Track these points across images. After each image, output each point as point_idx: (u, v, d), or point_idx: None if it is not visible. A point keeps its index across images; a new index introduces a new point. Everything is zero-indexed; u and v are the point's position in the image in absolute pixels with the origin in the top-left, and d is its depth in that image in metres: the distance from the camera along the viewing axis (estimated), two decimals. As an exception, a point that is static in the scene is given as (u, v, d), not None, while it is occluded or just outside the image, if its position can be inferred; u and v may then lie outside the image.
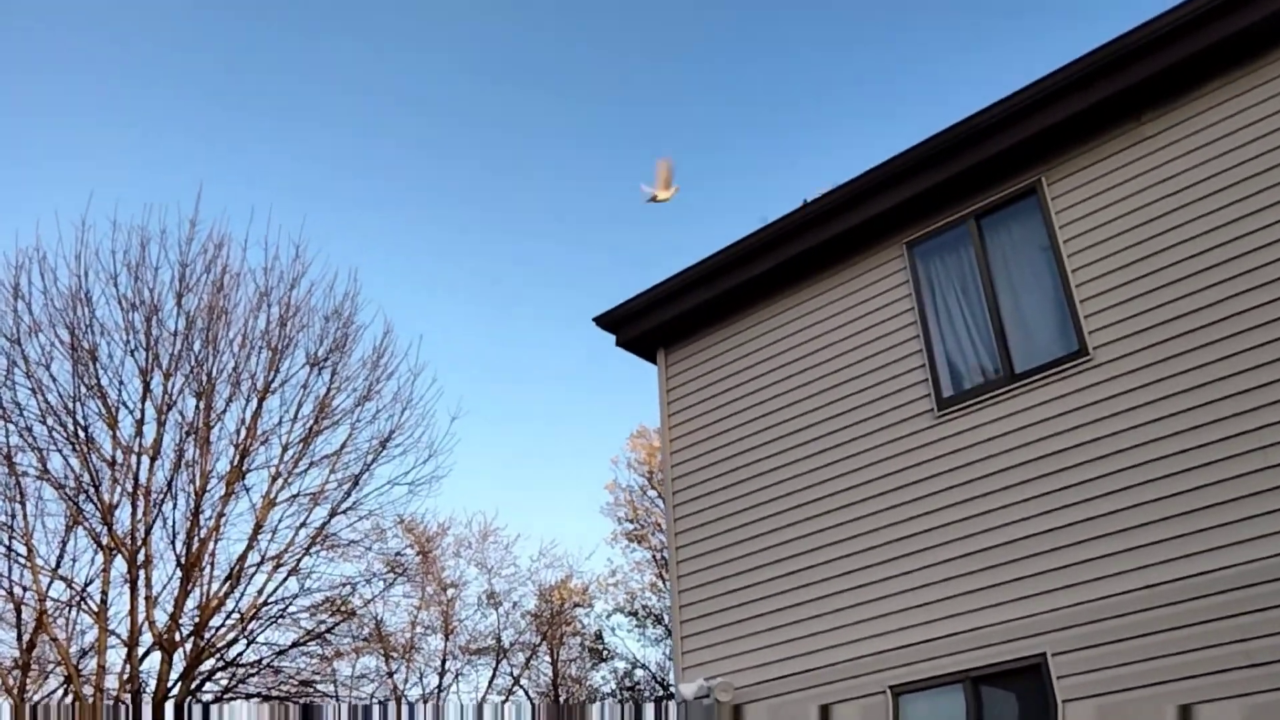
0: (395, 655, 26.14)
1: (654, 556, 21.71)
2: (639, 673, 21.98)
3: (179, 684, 13.33)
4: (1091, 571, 6.13)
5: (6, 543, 13.52)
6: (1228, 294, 6.17)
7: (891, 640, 6.81)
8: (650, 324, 8.95)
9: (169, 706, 13.20)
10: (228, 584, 14.11)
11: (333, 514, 14.68)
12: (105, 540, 13.75)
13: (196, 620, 13.76)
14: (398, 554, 18.82)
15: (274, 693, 15.58)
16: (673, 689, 7.77)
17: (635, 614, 21.56)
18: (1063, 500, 6.38)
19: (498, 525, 29.88)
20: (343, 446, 15.09)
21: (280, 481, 14.67)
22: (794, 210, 8.10)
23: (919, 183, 7.58)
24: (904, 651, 6.73)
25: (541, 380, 36.13)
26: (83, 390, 13.78)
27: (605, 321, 9.14)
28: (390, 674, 26.00)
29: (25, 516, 13.68)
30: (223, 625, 13.91)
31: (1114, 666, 5.88)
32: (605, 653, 22.32)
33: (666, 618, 21.52)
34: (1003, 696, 6.35)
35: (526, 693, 27.61)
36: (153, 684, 13.43)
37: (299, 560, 14.73)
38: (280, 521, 14.50)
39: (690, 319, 8.81)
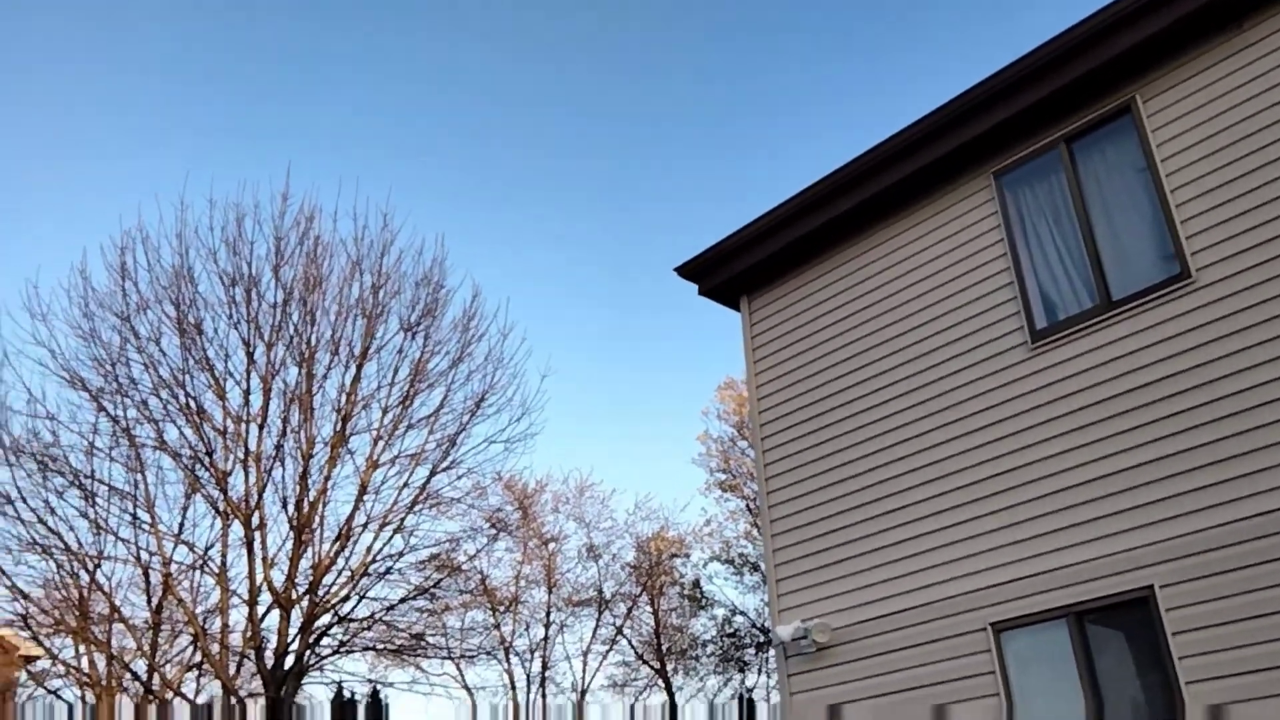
0: (501, 608, 26.83)
1: (747, 505, 21.74)
2: (738, 619, 22.20)
3: (298, 638, 13.90)
4: (1199, 501, 5.94)
5: (132, 511, 14.20)
6: (1341, 206, 5.85)
7: (991, 577, 6.72)
8: (733, 271, 8.88)
9: (289, 660, 13.80)
10: (337, 544, 14.61)
11: (433, 473, 15.03)
12: (222, 506, 14.35)
13: (310, 579, 14.30)
14: (498, 510, 19.23)
15: (387, 646, 16.17)
16: (771, 634, 7.82)
17: (732, 562, 21.70)
18: (1167, 429, 6.18)
19: (594, 480, 30.34)
20: (439, 408, 15.41)
21: (381, 444, 15.08)
22: (875, 146, 7.91)
23: (1005, 109, 7.32)
24: (1005, 588, 6.63)
25: (630, 336, 36.26)
26: (191, 363, 14.32)
27: (687, 271, 9.10)
28: (497, 626, 26.70)
29: (146, 486, 14.33)
30: (335, 583, 14.42)
31: (1225, 597, 5.71)
32: (704, 600, 22.55)
33: (762, 565, 21.58)
34: (1109, 631, 6.22)
35: (630, 641, 28.10)
36: (273, 640, 14.05)
37: (403, 519, 15.16)
38: (384, 483, 14.91)
39: (773, 263, 8.71)
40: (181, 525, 14.91)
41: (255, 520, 14.26)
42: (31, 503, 13.69)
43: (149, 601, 15.17)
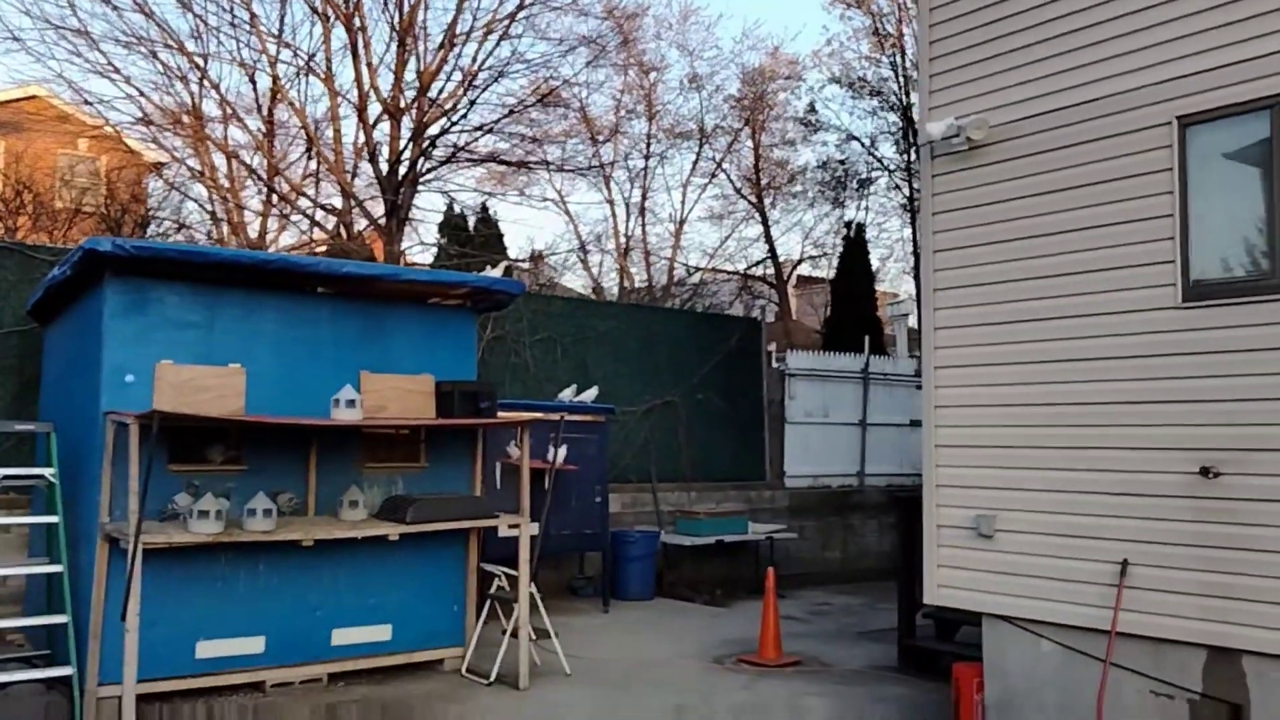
0: (600, 137, 26.65)
1: (874, 24, 20.34)
2: (852, 145, 21.73)
3: (410, 146, 13.91)
4: None
5: (230, 9, 13.70)
6: None
7: (1186, 65, 5.95)
8: None
9: (403, 168, 13.91)
10: (441, 51, 14.11)
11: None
12: (320, 6, 13.76)
13: (417, 87, 14.00)
14: (597, 34, 18.18)
15: (496, 161, 16.19)
16: (918, 131, 7.31)
17: (851, 85, 20.75)
18: None
19: (698, 4, 28.59)
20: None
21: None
22: None
23: None
24: (1199, 78, 5.89)
25: None
26: None
27: None
28: (597, 154, 26.71)
29: (242, -19, 13.69)
30: (443, 90, 14.12)
31: None
32: (817, 124, 21.96)
33: (882, 90, 20.56)
34: (1320, 124, 5.55)
35: (728, 175, 28.08)
36: (386, 149, 14.08)
37: (507, 26, 14.45)
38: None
39: None
40: (280, 29, 14.46)
41: (356, 23, 13.72)
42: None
43: (258, 108, 15.13)
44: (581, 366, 12.99)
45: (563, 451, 9.83)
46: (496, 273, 9.03)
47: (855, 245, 19.50)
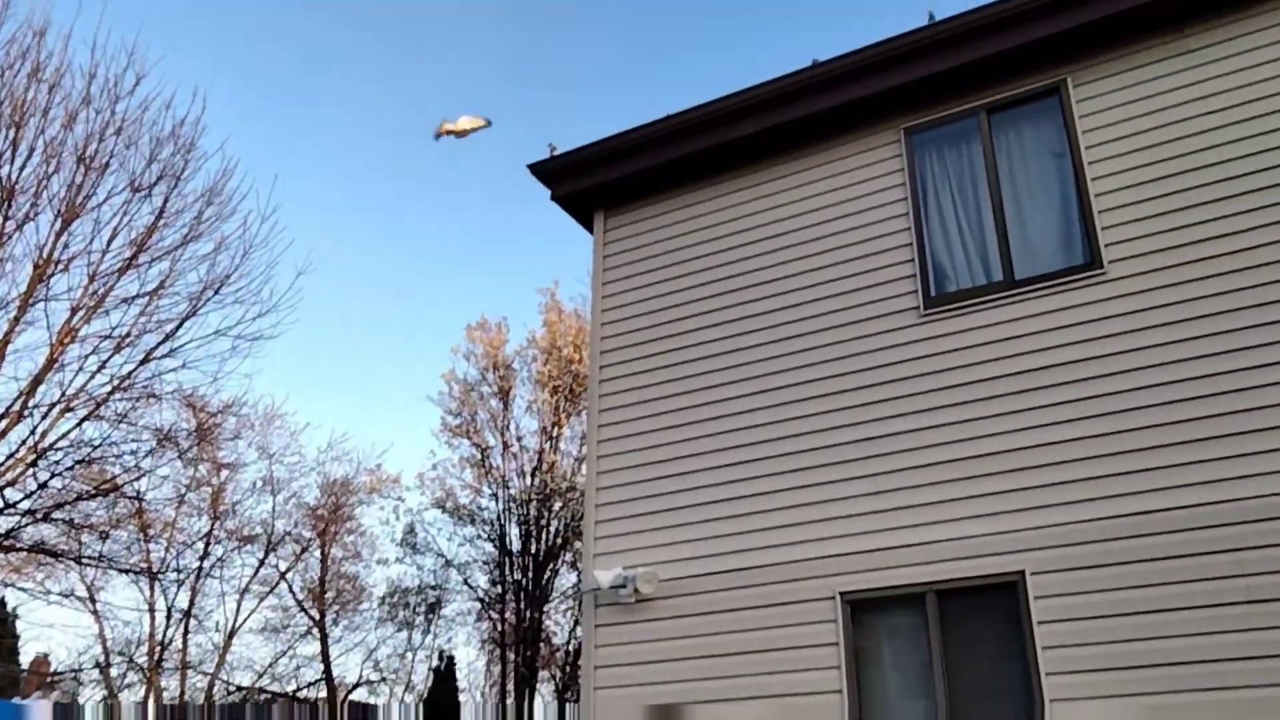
0: (154, 535, 24.01)
1: (479, 456, 20.71)
2: (451, 573, 21.09)
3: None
4: (1083, 492, 5.79)
5: None
6: (1258, 223, 5.91)
7: (847, 545, 6.29)
8: (595, 180, 7.96)
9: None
10: (5, 422, 12.12)
11: (146, 359, 12.86)
12: None
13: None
14: (171, 430, 16.69)
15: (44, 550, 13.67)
16: (581, 579, 7.04)
17: (454, 511, 20.56)
18: (1056, 416, 6.01)
19: (284, 410, 27.94)
20: (159, 286, 13.22)
21: (82, 314, 12.70)
22: (785, 75, 7.33)
23: (929, 65, 6.95)
24: (861, 558, 6.23)
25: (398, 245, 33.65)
26: None
27: (543, 170, 8.07)
28: (147, 552, 23.83)
29: None
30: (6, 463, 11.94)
31: (1099, 591, 5.58)
32: (415, 545, 21.23)
33: (479, 518, 20.54)
34: (969, 613, 5.95)
35: (290, 586, 26.13)
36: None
37: (93, 410, 12.85)
38: (88, 355, 12.60)
39: (642, 181, 7.89)
40: None
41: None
42: None
43: None
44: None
45: None
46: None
47: (445, 677, 18.37)
